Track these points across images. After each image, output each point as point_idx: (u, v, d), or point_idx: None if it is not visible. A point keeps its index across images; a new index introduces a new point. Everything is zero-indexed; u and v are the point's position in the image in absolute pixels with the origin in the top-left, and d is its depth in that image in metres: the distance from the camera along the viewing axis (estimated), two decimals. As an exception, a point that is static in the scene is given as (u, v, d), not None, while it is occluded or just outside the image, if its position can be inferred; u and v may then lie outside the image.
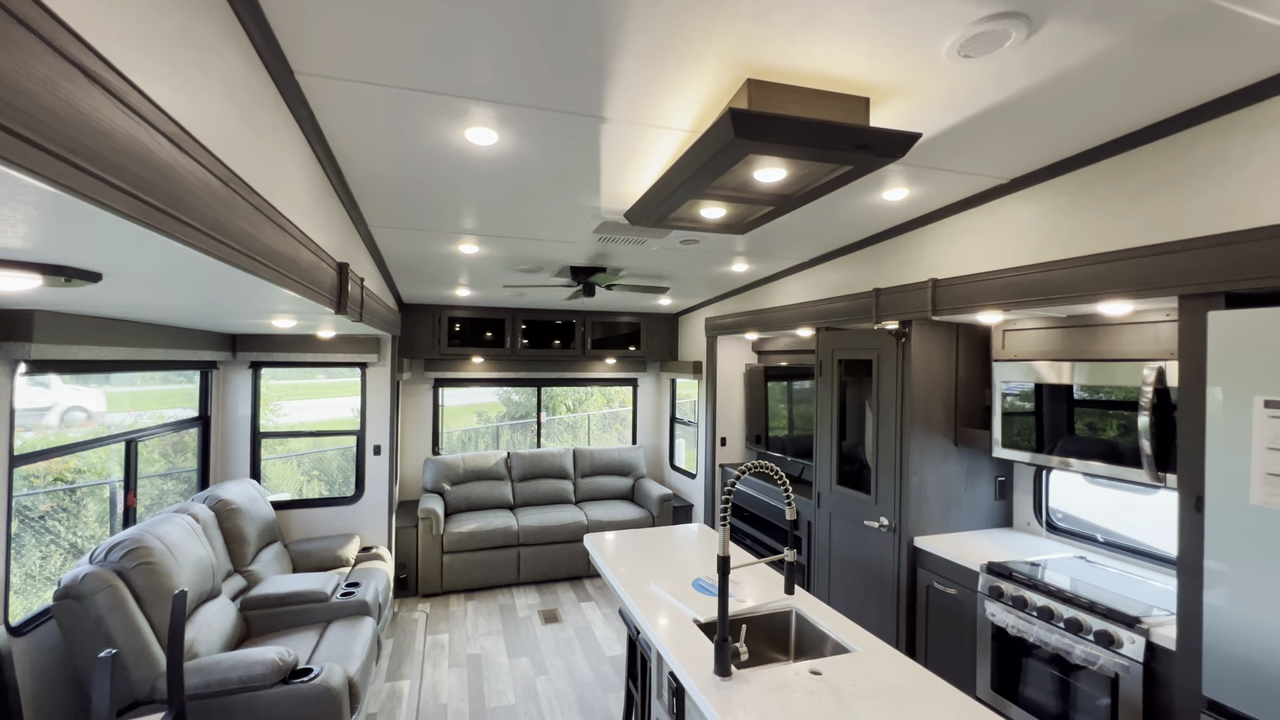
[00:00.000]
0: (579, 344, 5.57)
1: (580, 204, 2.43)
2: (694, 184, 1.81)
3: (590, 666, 3.51)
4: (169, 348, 2.94)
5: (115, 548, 2.27)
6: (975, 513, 2.92)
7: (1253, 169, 1.62)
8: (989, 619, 2.35)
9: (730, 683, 1.56)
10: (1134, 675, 1.85)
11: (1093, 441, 2.28)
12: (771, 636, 2.07)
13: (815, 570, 3.52)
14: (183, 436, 3.76)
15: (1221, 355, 1.59)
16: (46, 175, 0.58)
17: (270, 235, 1.27)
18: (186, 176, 0.87)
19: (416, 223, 2.67)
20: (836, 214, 2.64)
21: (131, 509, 2.96)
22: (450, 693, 3.25)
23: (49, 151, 0.57)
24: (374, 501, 4.21)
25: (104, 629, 2.11)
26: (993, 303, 2.34)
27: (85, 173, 0.64)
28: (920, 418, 2.82)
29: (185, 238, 0.90)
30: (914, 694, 1.52)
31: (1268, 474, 1.49)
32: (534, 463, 5.43)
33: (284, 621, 2.99)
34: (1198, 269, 1.69)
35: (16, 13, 0.53)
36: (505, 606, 4.40)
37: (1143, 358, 2.13)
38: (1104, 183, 1.99)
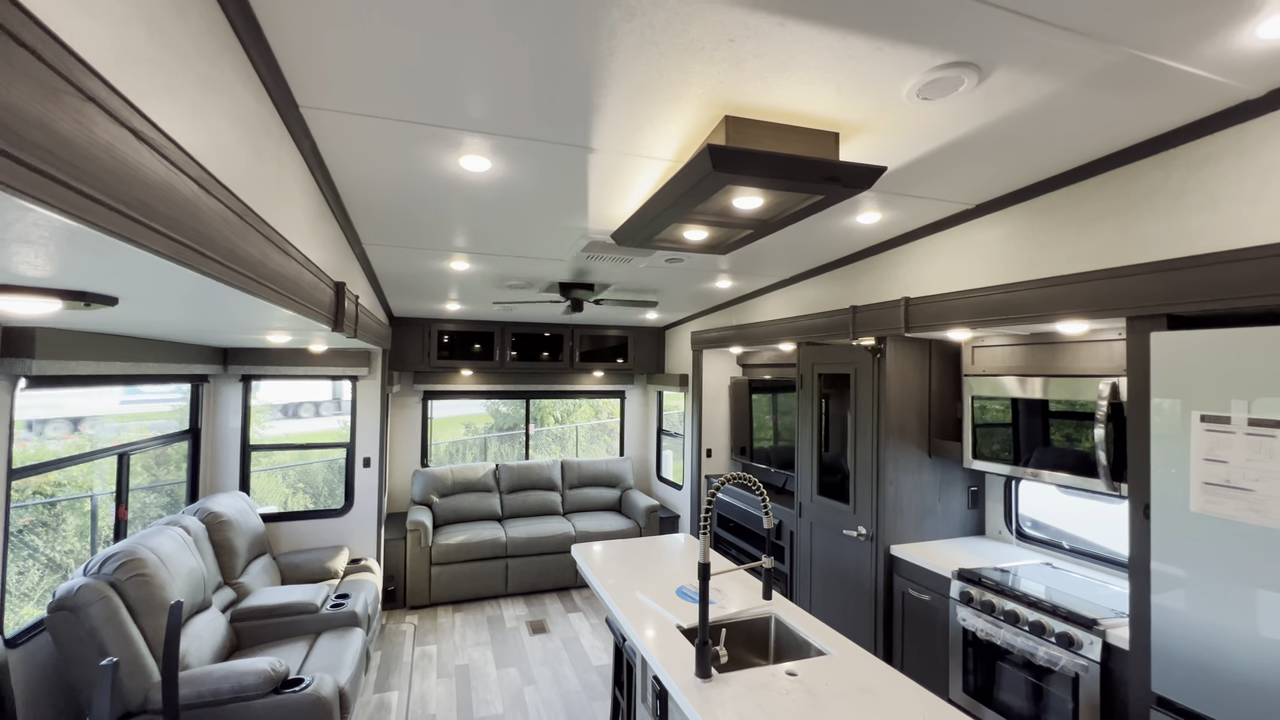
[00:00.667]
0: (567, 357, 5.65)
1: (569, 225, 2.53)
2: (676, 210, 1.92)
3: (577, 676, 3.56)
4: (163, 361, 2.98)
5: (109, 560, 2.31)
6: (949, 521, 3.03)
7: (1189, 201, 1.75)
8: (960, 624, 2.45)
9: (710, 684, 1.64)
10: (1092, 675, 1.96)
11: (1057, 452, 2.40)
12: (751, 641, 2.15)
13: (797, 578, 3.61)
14: (166, 449, 3.77)
15: (1163, 373, 1.72)
16: (104, 226, 0.67)
17: (277, 260, 1.35)
18: (209, 213, 0.96)
19: (409, 241, 2.76)
20: (815, 235, 2.77)
21: (123, 521, 2.98)
22: (439, 703, 3.28)
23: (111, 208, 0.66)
24: (363, 514, 4.24)
25: (98, 640, 2.14)
26: (961, 321, 2.47)
27: (133, 220, 0.72)
28: (895, 430, 2.94)
29: (205, 269, 0.98)
30: (884, 694, 1.61)
31: (1205, 483, 1.61)
32: (522, 475, 5.48)
33: (274, 633, 3.02)
34: (1142, 292, 1.83)
35: (84, 90, 0.62)
36: (493, 618, 4.43)
37: (1098, 374, 2.26)
38: (1058, 211, 2.13)
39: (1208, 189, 1.71)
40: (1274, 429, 1.48)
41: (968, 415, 2.76)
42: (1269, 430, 1.49)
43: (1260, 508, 1.50)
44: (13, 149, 0.52)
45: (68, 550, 3.80)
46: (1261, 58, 1.37)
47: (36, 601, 3.23)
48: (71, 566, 3.56)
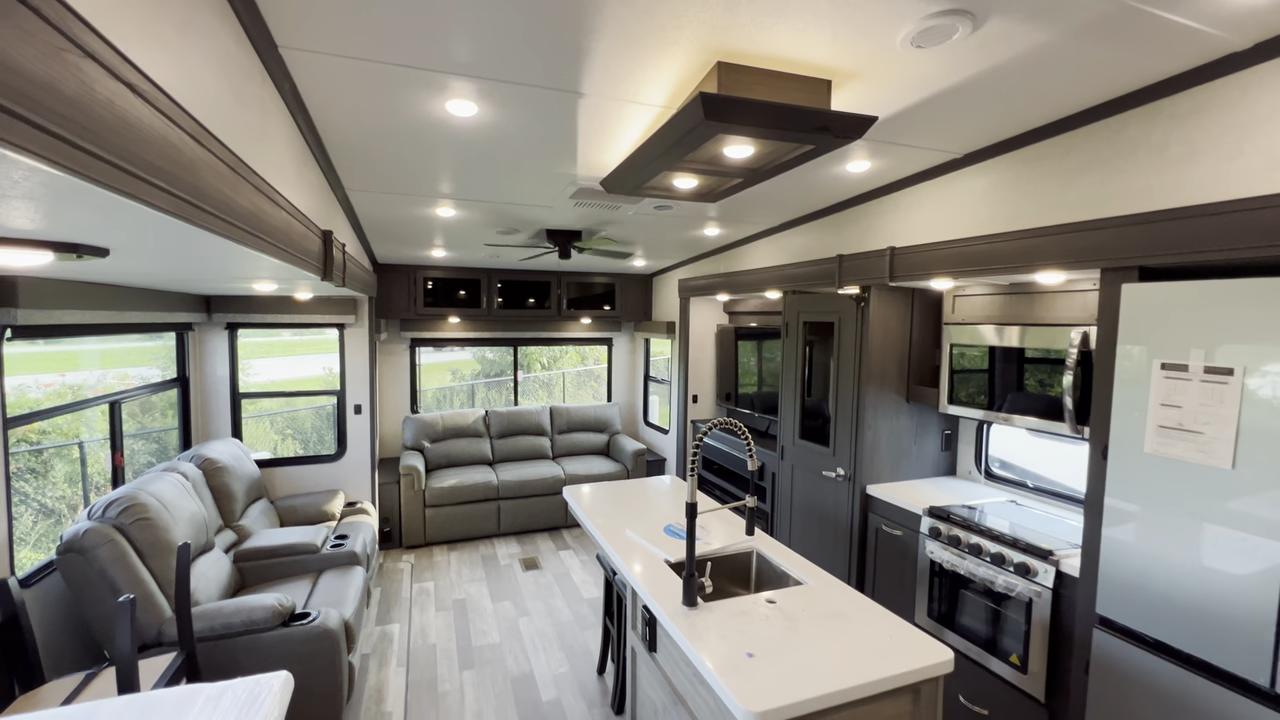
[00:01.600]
0: (555, 304, 5.65)
1: (558, 172, 2.50)
2: (667, 158, 1.91)
3: (569, 608, 3.77)
4: (146, 310, 2.95)
5: (112, 505, 2.36)
6: (923, 463, 3.19)
7: (1170, 154, 1.79)
8: (928, 556, 2.63)
9: (696, 611, 1.77)
10: (1045, 600, 2.14)
11: (1028, 398, 2.52)
12: (734, 575, 2.30)
13: (778, 517, 3.80)
14: (150, 397, 3.77)
15: (1130, 323, 1.80)
16: (110, 184, 0.68)
17: (268, 211, 1.34)
18: (203, 166, 0.96)
19: (394, 187, 2.70)
20: (804, 183, 2.76)
21: (120, 468, 3.03)
22: (438, 634, 3.47)
23: (116, 165, 0.67)
24: (356, 459, 4.32)
25: (109, 580, 2.22)
26: (943, 271, 2.52)
27: (136, 177, 0.73)
28: (876, 376, 3.04)
29: (202, 222, 0.99)
30: (855, 618, 1.76)
31: (1159, 426, 1.72)
32: (512, 420, 5.58)
33: (277, 572, 3.14)
34: (1118, 245, 1.88)
35: (84, 46, 0.62)
36: (487, 556, 4.62)
37: (1072, 323, 2.34)
38: (1045, 161, 2.15)
39: (1189, 142, 1.74)
40: (1226, 376, 1.58)
41: (946, 362, 2.86)
42: (1222, 377, 1.59)
43: (1206, 449, 1.61)
44: (29, 113, 0.53)
45: (59, 496, 3.84)
46: (1251, 8, 1.38)
47: (33, 545, 3.30)
48: (64, 512, 3.62)
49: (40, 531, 3.49)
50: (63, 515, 3.61)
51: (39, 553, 3.26)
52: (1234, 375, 1.56)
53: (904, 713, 1.55)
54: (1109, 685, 1.86)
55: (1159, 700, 1.73)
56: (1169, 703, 1.71)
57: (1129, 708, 1.80)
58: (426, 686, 2.96)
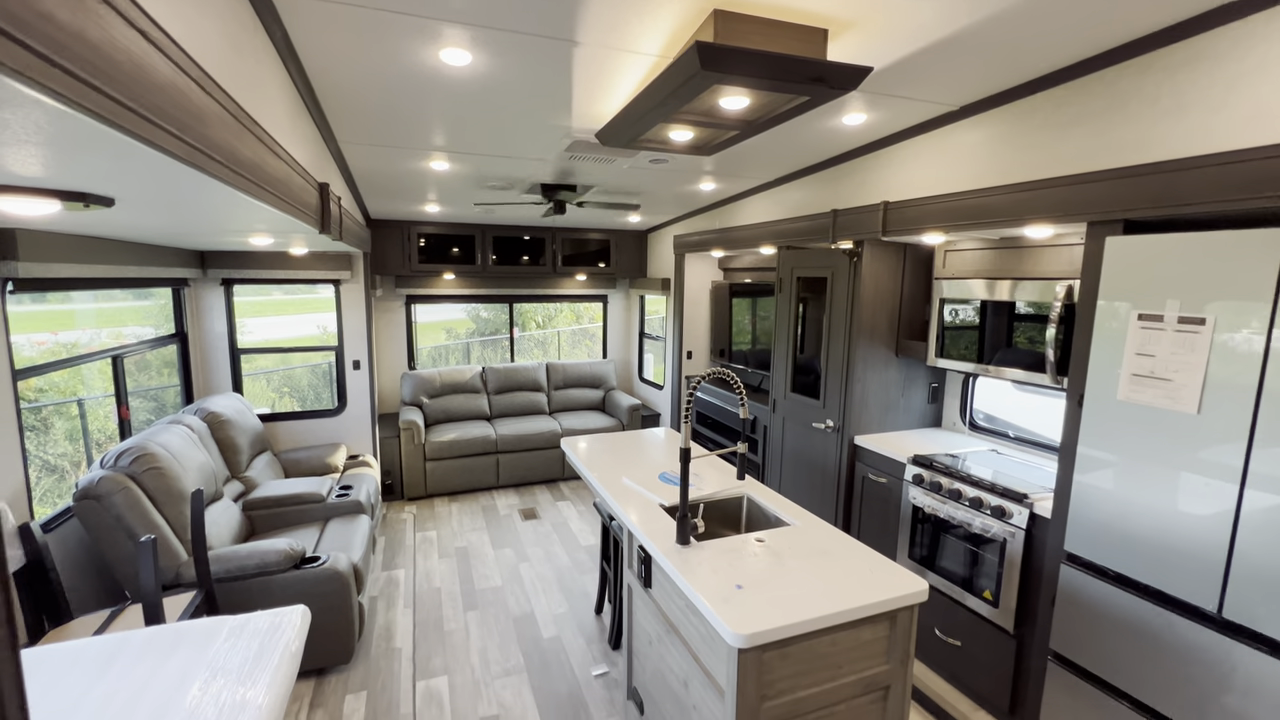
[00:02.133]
0: (549, 261, 5.64)
1: (552, 124, 2.48)
2: (663, 109, 1.91)
3: (568, 554, 3.93)
4: (142, 265, 2.96)
5: (123, 454, 2.44)
6: (910, 415, 3.29)
7: (1161, 107, 1.80)
8: (911, 501, 2.75)
9: (689, 549, 1.88)
10: (1018, 539, 2.27)
11: (1013, 351, 2.59)
12: (725, 518, 2.41)
13: (769, 467, 3.93)
14: (145, 355, 3.81)
15: (1112, 275, 1.85)
16: (130, 129, 0.71)
17: (270, 162, 1.36)
18: (211, 115, 0.98)
19: (387, 139, 2.68)
20: (800, 137, 2.76)
21: (126, 421, 3.09)
22: (442, 578, 3.62)
23: (135, 111, 0.70)
24: (357, 413, 4.40)
25: (125, 525, 2.32)
26: (935, 225, 2.55)
27: (152, 123, 0.76)
28: (866, 330, 3.10)
29: (211, 170, 1.01)
30: (839, 554, 1.87)
31: (1133, 374, 1.80)
32: (509, 376, 5.65)
33: (285, 520, 3.25)
34: (1105, 198, 1.92)
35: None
36: (487, 507, 4.76)
37: (1058, 277, 2.39)
38: (1039, 113, 2.16)
39: (1180, 95, 1.76)
40: (1198, 326, 1.65)
41: (935, 316, 2.92)
42: (1194, 327, 1.65)
43: (1175, 395, 1.70)
44: (62, 59, 0.56)
45: (61, 454, 3.91)
46: (1245, -42, 1.38)
47: (39, 500, 3.39)
48: (67, 469, 3.69)
49: (45, 487, 3.57)
50: (66, 472, 3.69)
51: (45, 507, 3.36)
52: (1205, 325, 1.63)
53: (881, 637, 1.67)
54: (1072, 614, 2.00)
55: (1117, 625, 1.87)
56: (1125, 627, 1.85)
57: (1089, 633, 1.95)
58: (433, 625, 3.12)
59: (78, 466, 3.63)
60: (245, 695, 1.46)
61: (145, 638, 1.66)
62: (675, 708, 1.91)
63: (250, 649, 1.65)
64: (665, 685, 1.98)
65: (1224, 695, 1.63)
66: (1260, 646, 1.56)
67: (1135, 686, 1.83)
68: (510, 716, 2.47)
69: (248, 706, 1.42)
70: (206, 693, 1.47)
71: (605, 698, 2.58)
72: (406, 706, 2.53)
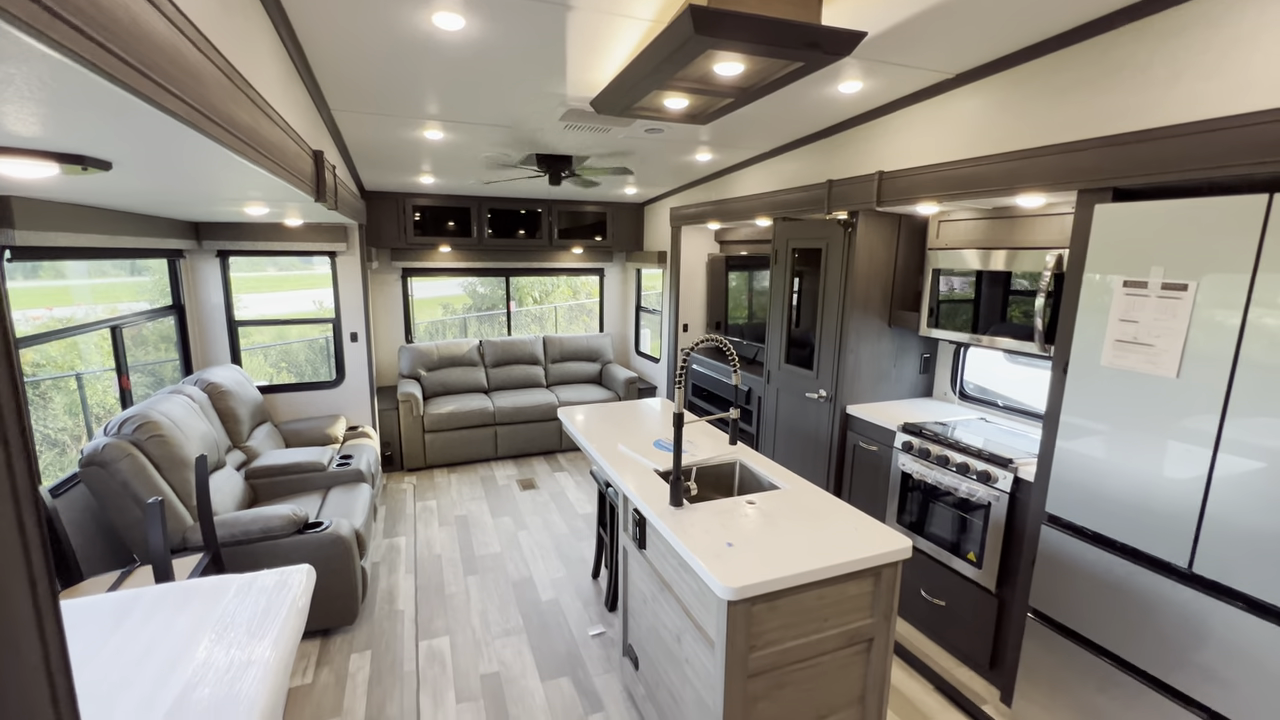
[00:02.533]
0: (546, 234, 5.62)
1: (547, 92, 2.47)
2: (657, 76, 1.91)
3: (565, 522, 4.01)
4: (137, 235, 2.96)
5: (126, 422, 2.48)
6: (901, 385, 3.34)
7: (1154, 74, 1.81)
8: (900, 468, 2.82)
9: (682, 511, 1.94)
10: (1002, 503, 2.34)
11: (1002, 320, 2.63)
12: (718, 483, 2.47)
13: (763, 436, 3.99)
14: (142, 329, 3.82)
15: (1100, 243, 1.88)
16: (133, 87, 0.73)
17: (265, 126, 1.37)
18: (208, 76, 0.99)
19: (381, 108, 2.66)
20: (796, 106, 2.74)
21: (127, 391, 3.12)
22: (443, 545, 3.71)
23: (138, 69, 0.72)
24: (355, 385, 4.43)
25: (131, 491, 2.37)
26: (929, 194, 2.56)
27: (153, 81, 0.78)
28: (860, 301, 3.13)
29: (209, 130, 1.03)
30: (826, 514, 1.93)
31: (1116, 340, 1.84)
32: (506, 350, 5.68)
33: (287, 488, 3.31)
34: (1095, 166, 1.93)
35: (101, -52, 0.65)
36: (486, 477, 4.84)
37: (1049, 246, 2.42)
38: (1034, 80, 2.16)
39: (1173, 61, 1.76)
40: (1180, 292, 1.68)
41: (928, 287, 2.95)
42: (1176, 293, 1.69)
43: (1155, 360, 1.74)
44: (66, 13, 0.58)
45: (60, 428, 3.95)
46: (1239, -80, 1.38)
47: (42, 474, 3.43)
48: (68, 443, 3.73)
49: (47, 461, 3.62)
50: (66, 446, 3.73)
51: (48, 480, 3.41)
52: (1187, 291, 1.66)
53: (866, 592, 1.74)
54: (1051, 573, 2.07)
55: (1093, 581, 1.94)
56: (1101, 583, 1.92)
57: (1067, 590, 2.03)
58: (434, 589, 3.21)
59: (78, 440, 3.67)
60: (253, 650, 1.53)
61: (156, 594, 1.72)
62: (668, 661, 1.99)
63: (258, 605, 1.71)
64: (659, 640, 2.06)
65: (1193, 648, 1.70)
66: (1224, 598, 1.63)
67: (1109, 639, 1.91)
68: (510, 673, 2.57)
69: (256, 661, 1.48)
70: (216, 647, 1.54)
71: (602, 655, 2.67)
72: (410, 664, 2.62)
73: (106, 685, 1.41)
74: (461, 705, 2.38)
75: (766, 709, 1.68)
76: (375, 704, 2.38)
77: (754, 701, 1.65)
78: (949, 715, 2.34)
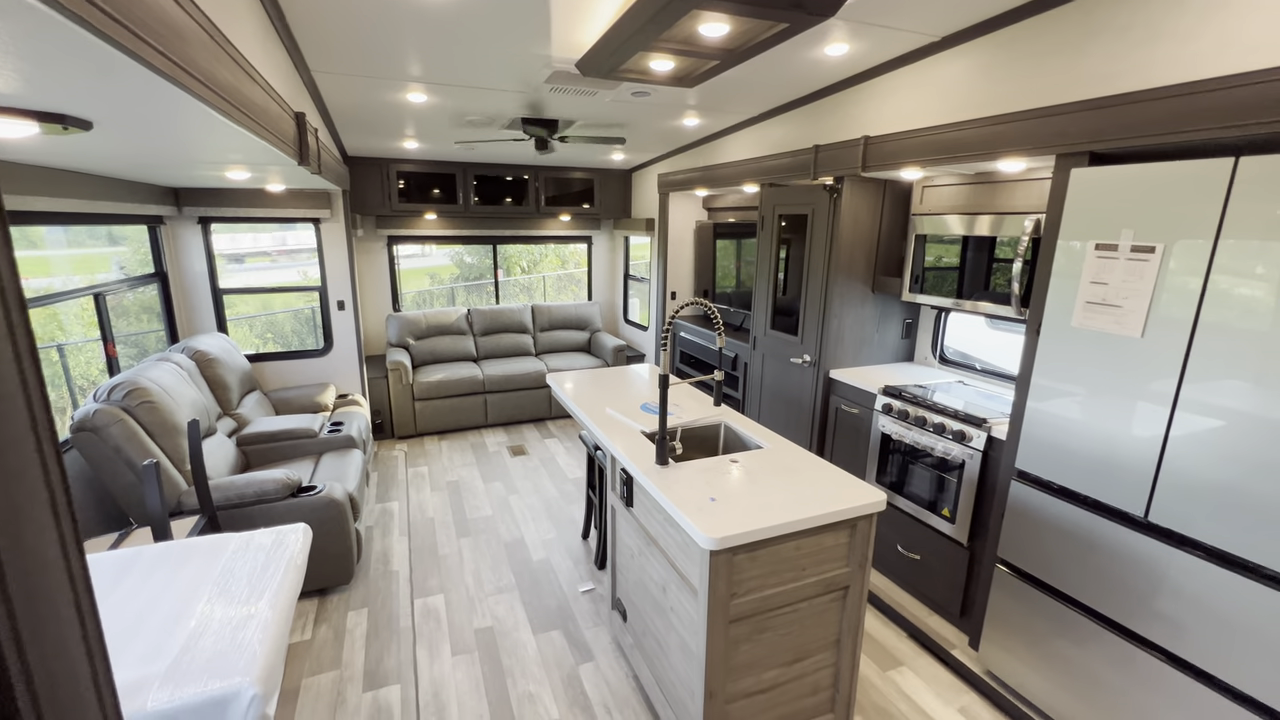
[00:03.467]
0: (533, 201, 5.57)
1: (532, 52, 2.44)
2: (643, 36, 1.90)
3: (555, 487, 4.10)
4: (116, 201, 2.91)
5: (115, 389, 2.49)
6: (884, 349, 3.41)
7: (1133, 37, 1.83)
8: (880, 429, 2.90)
9: (668, 469, 2.01)
10: (975, 461, 2.43)
11: (982, 284, 2.68)
12: (703, 445, 2.54)
13: (748, 400, 4.07)
14: (124, 300, 3.78)
15: (1075, 206, 1.93)
16: (121, 44, 0.74)
17: (247, 86, 1.36)
18: (190, 33, 0.99)
19: (362, 69, 2.61)
20: (783, 70, 2.73)
21: (113, 358, 3.11)
22: (435, 509, 3.78)
23: (124, 25, 0.72)
24: (344, 353, 4.44)
25: (124, 456, 2.39)
26: (913, 159, 2.58)
27: (139, 38, 0.78)
28: (844, 267, 3.17)
29: (192, 88, 1.03)
30: (805, 471, 2.01)
31: (1087, 302, 1.90)
32: (494, 318, 5.68)
33: (279, 454, 3.34)
34: (1073, 130, 1.97)
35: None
36: (476, 444, 4.90)
37: (1028, 211, 2.46)
38: (1019, 43, 2.17)
39: (1151, 24, 1.78)
40: (1148, 254, 1.74)
41: (911, 252, 2.99)
42: (1144, 255, 1.75)
43: (1122, 320, 1.81)
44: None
45: (45, 399, 3.92)
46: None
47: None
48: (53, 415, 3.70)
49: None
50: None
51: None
52: (1154, 253, 1.72)
53: (842, 543, 1.83)
54: (1019, 525, 2.18)
55: (1057, 532, 2.05)
56: (1064, 533, 2.03)
57: (1033, 541, 2.13)
58: (428, 551, 3.29)
59: (63, 413, 3.66)
60: (253, 605, 1.58)
61: (157, 552, 1.77)
62: (655, 611, 2.08)
63: (256, 562, 1.77)
64: (646, 593, 2.15)
65: (1149, 593, 1.82)
66: (1177, 545, 1.73)
67: (1071, 586, 2.03)
68: (504, 627, 2.66)
69: (254, 617, 1.54)
70: (217, 602, 1.59)
71: (591, 610, 2.78)
72: (406, 621, 2.71)
73: (110, 636, 1.45)
74: (457, 657, 2.48)
75: (748, 651, 1.77)
76: (373, 657, 2.47)
77: (735, 644, 1.75)
78: (920, 659, 2.48)
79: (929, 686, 2.32)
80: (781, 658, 1.84)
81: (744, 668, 1.79)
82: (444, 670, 2.41)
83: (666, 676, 2.03)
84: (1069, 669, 2.04)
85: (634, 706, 2.23)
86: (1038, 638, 2.14)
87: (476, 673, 2.40)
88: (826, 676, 1.94)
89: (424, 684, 2.34)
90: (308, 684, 2.33)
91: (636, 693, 2.29)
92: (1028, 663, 2.17)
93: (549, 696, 2.28)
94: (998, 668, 2.29)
